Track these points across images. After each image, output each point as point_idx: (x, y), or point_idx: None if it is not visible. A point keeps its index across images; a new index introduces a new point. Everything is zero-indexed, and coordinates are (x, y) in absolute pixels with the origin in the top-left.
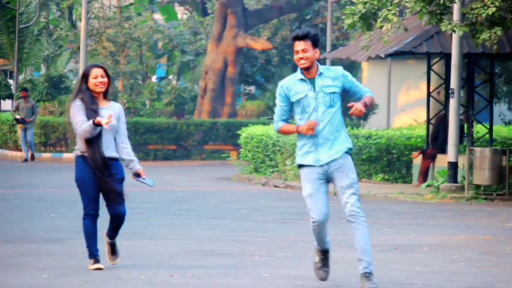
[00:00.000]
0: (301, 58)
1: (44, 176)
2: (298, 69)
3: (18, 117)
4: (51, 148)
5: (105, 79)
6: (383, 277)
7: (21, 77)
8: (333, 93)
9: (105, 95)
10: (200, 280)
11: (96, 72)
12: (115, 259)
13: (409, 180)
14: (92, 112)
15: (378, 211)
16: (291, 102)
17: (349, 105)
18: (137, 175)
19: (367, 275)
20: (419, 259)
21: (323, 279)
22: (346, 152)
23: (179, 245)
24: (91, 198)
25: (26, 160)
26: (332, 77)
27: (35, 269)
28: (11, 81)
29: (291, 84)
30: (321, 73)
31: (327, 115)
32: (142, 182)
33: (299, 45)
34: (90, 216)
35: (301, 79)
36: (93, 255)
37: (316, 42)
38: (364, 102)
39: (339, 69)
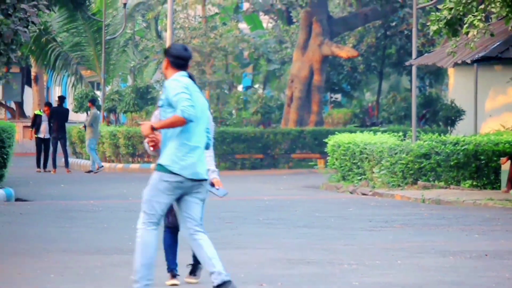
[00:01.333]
0: None
1: (132, 187)
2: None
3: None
4: (139, 159)
5: None
6: (473, 284)
7: (108, 88)
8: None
9: None
10: None
11: None
12: (191, 279)
13: (497, 186)
14: None
15: (467, 217)
16: None
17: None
18: (211, 184)
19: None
20: (509, 266)
21: None
22: None
23: (267, 254)
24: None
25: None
26: None
27: (124, 279)
28: (98, 93)
29: None
30: None
31: None
32: (213, 193)
33: None
34: (170, 229)
35: None
36: (170, 269)
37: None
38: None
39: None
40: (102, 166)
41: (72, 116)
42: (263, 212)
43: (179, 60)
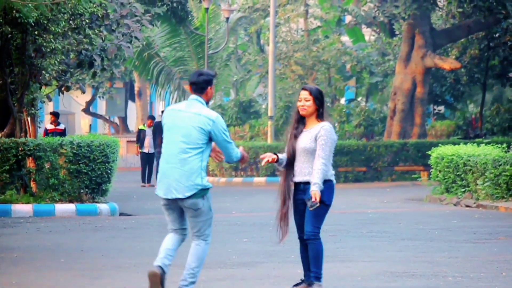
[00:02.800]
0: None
1: (235, 201)
2: (204, 101)
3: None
4: (242, 173)
5: (308, 102)
6: None
7: (211, 102)
8: None
9: (318, 116)
10: None
11: (301, 95)
12: None
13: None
14: (292, 136)
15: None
16: None
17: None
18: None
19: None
20: None
21: None
22: None
23: (371, 267)
24: (296, 224)
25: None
26: None
27: None
28: None
29: None
30: None
31: None
32: (309, 205)
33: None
34: (301, 241)
35: None
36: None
37: None
38: None
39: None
40: None
41: None
42: (366, 225)
43: (192, 85)
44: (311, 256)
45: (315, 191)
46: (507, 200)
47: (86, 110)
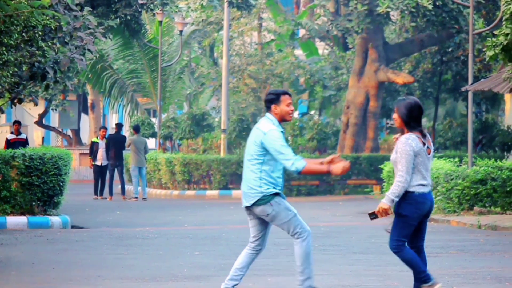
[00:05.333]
0: (292, 111)
1: (187, 214)
2: (275, 120)
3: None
4: (195, 186)
5: (395, 115)
6: None
7: (164, 115)
8: None
9: (407, 128)
10: None
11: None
12: None
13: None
14: None
15: None
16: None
17: None
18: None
19: None
20: None
21: None
22: None
23: (323, 281)
24: None
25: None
26: None
27: None
28: (154, 120)
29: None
30: None
31: None
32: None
33: (290, 100)
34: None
35: (282, 131)
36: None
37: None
38: None
39: None
40: (136, 198)
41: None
42: (319, 238)
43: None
44: (407, 265)
45: (381, 202)
46: (458, 214)
47: (39, 123)
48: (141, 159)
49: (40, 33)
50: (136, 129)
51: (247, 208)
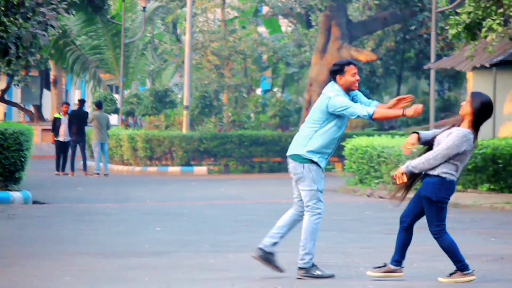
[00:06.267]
0: (358, 80)
1: (149, 190)
2: (340, 90)
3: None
4: (157, 162)
5: (465, 103)
6: (495, 285)
7: (126, 91)
8: None
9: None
10: None
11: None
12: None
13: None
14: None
15: (484, 221)
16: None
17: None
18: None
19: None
20: None
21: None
22: None
23: (284, 257)
24: (406, 209)
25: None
26: None
27: (140, 282)
28: (117, 96)
29: None
30: None
31: None
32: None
33: (355, 69)
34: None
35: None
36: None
37: None
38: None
39: None
40: (98, 174)
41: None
42: (280, 215)
43: None
44: (445, 252)
45: (399, 168)
46: None
47: (1, 98)
48: (103, 135)
49: (3, 8)
50: (98, 105)
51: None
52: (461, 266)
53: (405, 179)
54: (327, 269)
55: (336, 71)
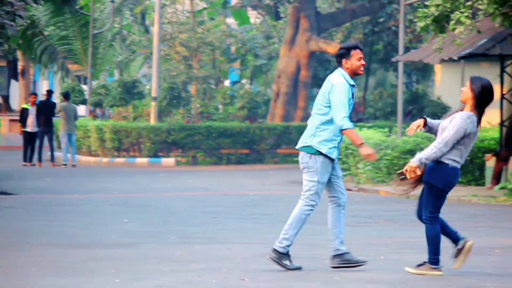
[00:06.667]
0: (363, 65)
1: (117, 181)
2: (346, 74)
3: None
4: (125, 153)
5: (465, 88)
6: (456, 280)
7: (95, 82)
8: None
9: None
10: (271, 284)
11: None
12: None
13: (482, 182)
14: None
15: (451, 213)
16: None
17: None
18: None
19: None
20: (492, 262)
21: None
22: None
23: (251, 249)
24: (418, 203)
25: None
26: None
27: (107, 274)
28: (85, 87)
29: (349, 87)
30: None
31: None
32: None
33: (361, 54)
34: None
35: (352, 85)
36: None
37: None
38: None
39: None
40: (65, 165)
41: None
42: (248, 207)
43: None
44: (428, 241)
45: (410, 162)
46: (387, 184)
47: None
48: (71, 126)
49: None
50: (66, 96)
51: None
52: (433, 260)
53: (419, 173)
54: (295, 261)
55: (342, 55)
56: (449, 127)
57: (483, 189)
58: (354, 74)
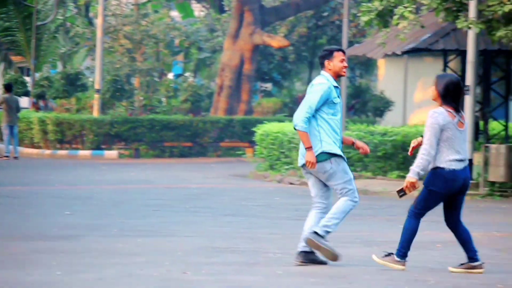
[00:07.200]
0: (346, 67)
1: (59, 173)
2: (329, 76)
3: None
4: (67, 145)
5: (432, 88)
6: (396, 274)
7: (37, 74)
8: None
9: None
10: (213, 277)
11: None
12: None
13: (424, 177)
14: None
15: (393, 208)
16: (326, 102)
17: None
18: None
19: None
20: (433, 256)
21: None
22: None
23: (193, 242)
24: None
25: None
26: None
27: (48, 266)
28: (27, 79)
29: (332, 88)
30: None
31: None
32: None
33: (343, 56)
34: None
35: (336, 86)
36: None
37: None
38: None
39: None
40: (7, 156)
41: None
42: (190, 200)
43: None
44: (402, 232)
45: (407, 177)
46: None
47: None
48: (13, 118)
49: None
50: (8, 87)
51: (304, 165)
52: (401, 253)
53: (418, 187)
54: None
55: (325, 56)
56: (425, 130)
57: None
58: (337, 75)
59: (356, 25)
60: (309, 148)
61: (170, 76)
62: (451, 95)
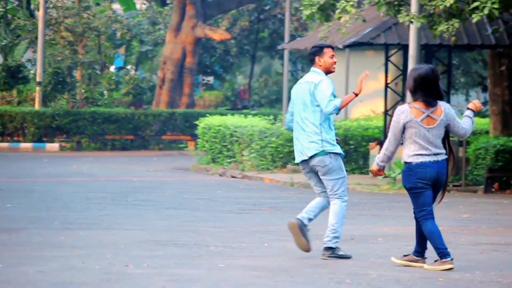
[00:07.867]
0: (335, 63)
1: (0, 166)
2: (321, 73)
3: None
4: (9, 138)
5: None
6: (338, 268)
7: None
8: None
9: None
10: (155, 270)
11: None
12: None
13: (366, 171)
14: None
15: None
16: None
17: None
18: None
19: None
20: (375, 250)
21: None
22: None
23: (135, 235)
24: None
25: None
26: None
27: None
28: None
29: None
30: None
31: None
32: None
33: (333, 52)
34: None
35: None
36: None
37: None
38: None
39: None
40: None
41: None
42: (132, 193)
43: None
44: (426, 237)
45: (373, 166)
46: (272, 172)
47: None
48: None
49: None
50: None
51: (306, 162)
52: (443, 253)
53: (383, 174)
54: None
55: (315, 52)
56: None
57: (367, 177)
58: (327, 71)
59: (298, 19)
60: (353, 97)
61: (112, 69)
62: (420, 88)
